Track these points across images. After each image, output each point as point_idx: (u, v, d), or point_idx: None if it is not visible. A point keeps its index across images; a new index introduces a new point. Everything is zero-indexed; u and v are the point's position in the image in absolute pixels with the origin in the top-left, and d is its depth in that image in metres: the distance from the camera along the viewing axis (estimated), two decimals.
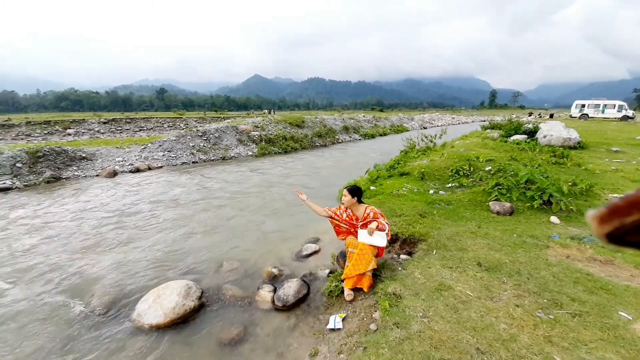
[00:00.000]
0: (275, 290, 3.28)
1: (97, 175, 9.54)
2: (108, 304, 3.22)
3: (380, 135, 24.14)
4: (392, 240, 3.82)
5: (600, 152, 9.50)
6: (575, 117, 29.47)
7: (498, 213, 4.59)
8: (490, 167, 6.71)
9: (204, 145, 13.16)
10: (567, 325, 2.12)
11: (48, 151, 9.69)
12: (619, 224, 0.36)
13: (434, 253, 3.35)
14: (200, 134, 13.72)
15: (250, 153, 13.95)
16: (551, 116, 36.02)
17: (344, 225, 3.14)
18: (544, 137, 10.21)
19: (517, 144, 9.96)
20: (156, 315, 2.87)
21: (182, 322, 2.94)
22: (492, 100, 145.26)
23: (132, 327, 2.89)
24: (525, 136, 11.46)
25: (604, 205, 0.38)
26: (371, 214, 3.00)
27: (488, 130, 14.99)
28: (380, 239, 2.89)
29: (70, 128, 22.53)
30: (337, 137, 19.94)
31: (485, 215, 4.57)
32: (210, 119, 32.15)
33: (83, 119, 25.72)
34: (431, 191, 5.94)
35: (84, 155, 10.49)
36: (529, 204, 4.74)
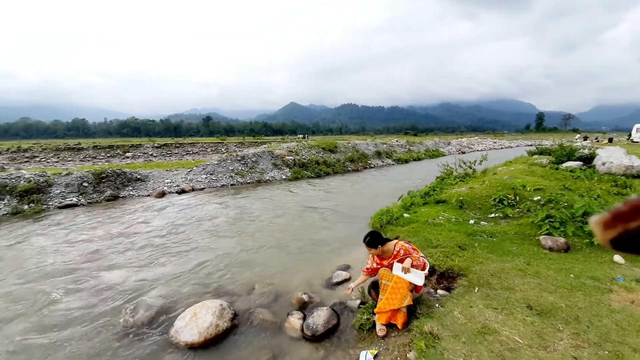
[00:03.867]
0: (304, 318, 3.23)
1: (148, 195, 10.51)
2: (150, 318, 3.42)
3: (414, 160, 23.59)
4: (429, 273, 3.62)
5: None
6: (638, 142, 26.25)
7: (550, 249, 4.15)
8: (539, 197, 6.18)
9: (242, 169, 13.92)
10: None
11: (110, 173, 10.96)
12: (623, 229, 0.36)
13: (476, 291, 3.10)
14: (239, 158, 14.59)
15: (284, 177, 14.42)
16: (610, 140, 32.43)
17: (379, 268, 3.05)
18: (603, 164, 9.21)
19: (571, 171, 9.08)
20: (192, 334, 2.98)
21: (214, 342, 3.01)
22: (540, 124, 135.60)
23: (168, 343, 3.02)
24: (580, 163, 10.42)
25: (607, 211, 0.37)
26: (402, 252, 2.90)
27: (535, 156, 13.95)
28: (418, 278, 2.75)
29: (128, 152, 25.38)
30: (369, 161, 19.89)
31: (535, 250, 4.16)
32: (248, 143, 34.17)
33: (140, 144, 28.89)
34: (471, 221, 5.59)
35: (139, 176, 11.67)
36: (587, 240, 4.24)
